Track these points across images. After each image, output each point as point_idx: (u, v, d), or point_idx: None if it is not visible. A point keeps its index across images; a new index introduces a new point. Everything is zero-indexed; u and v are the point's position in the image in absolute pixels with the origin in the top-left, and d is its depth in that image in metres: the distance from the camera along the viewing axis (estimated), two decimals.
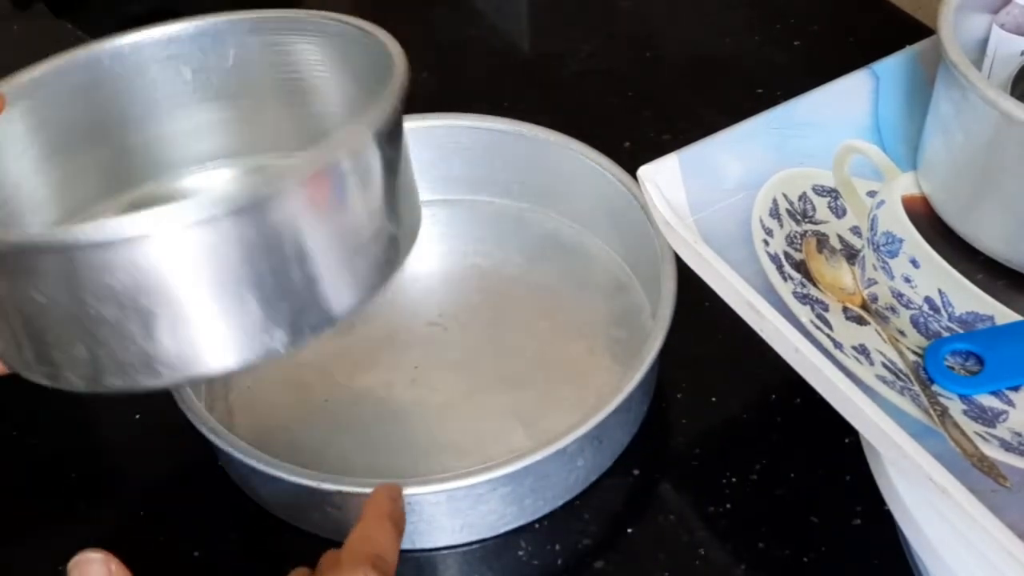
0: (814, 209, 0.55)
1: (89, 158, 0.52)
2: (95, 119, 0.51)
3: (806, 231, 0.54)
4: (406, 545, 0.53)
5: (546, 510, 0.56)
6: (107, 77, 0.51)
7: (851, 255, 0.54)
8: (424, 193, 0.70)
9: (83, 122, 0.51)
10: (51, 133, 0.50)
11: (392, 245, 0.44)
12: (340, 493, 0.52)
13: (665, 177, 0.53)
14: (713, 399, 0.61)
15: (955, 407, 0.48)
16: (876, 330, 0.51)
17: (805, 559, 0.54)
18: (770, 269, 0.52)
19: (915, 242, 0.54)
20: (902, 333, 0.52)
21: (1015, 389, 0.49)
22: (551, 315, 0.65)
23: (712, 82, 0.81)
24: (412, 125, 0.68)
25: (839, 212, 0.55)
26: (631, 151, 0.72)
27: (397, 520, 0.47)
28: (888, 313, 0.52)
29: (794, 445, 0.58)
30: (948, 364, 0.50)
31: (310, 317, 0.41)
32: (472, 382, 0.62)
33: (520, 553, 0.55)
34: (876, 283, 0.53)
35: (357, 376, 0.62)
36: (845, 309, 0.52)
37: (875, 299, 0.53)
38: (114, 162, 0.53)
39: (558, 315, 0.65)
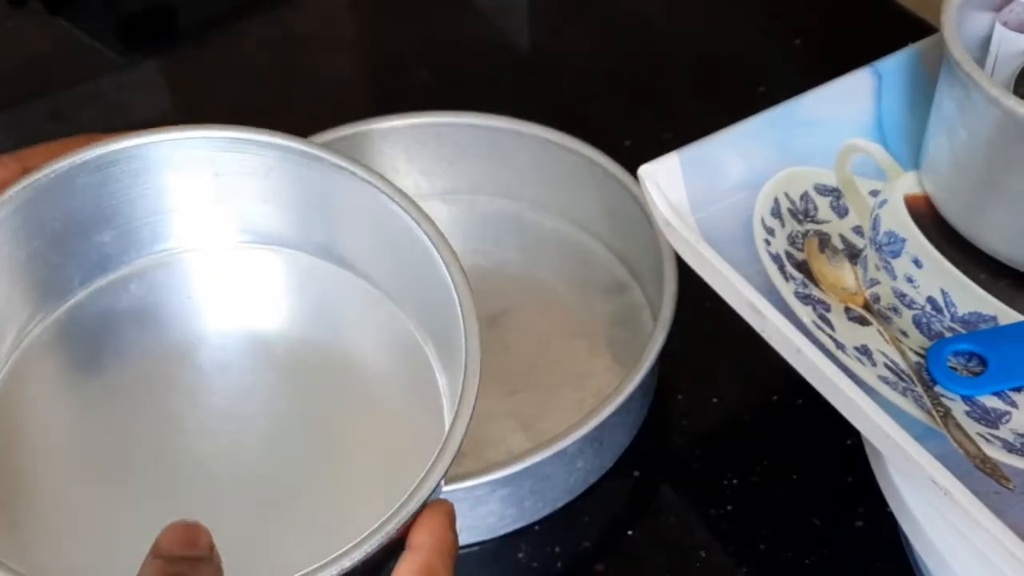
0: (816, 208, 0.55)
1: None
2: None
3: (808, 230, 0.54)
4: None
5: (546, 512, 0.56)
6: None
7: (853, 255, 0.54)
8: (424, 193, 0.71)
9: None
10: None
11: None
12: None
13: (666, 176, 0.53)
14: (714, 400, 0.61)
15: (958, 408, 0.48)
16: (878, 330, 0.51)
17: (807, 561, 0.54)
18: (772, 269, 0.52)
19: (918, 242, 0.54)
20: (904, 334, 0.51)
21: (1018, 390, 0.49)
22: (551, 315, 0.65)
23: (713, 80, 0.81)
24: (412, 123, 0.68)
25: (841, 211, 0.55)
26: (631, 150, 0.71)
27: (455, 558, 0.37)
28: (890, 313, 0.52)
29: (795, 446, 0.58)
30: (951, 365, 0.50)
31: None
32: None
33: (520, 555, 0.55)
34: (878, 283, 0.53)
35: None
36: (847, 309, 0.51)
37: (877, 299, 0.52)
38: None
39: (558, 315, 0.64)
